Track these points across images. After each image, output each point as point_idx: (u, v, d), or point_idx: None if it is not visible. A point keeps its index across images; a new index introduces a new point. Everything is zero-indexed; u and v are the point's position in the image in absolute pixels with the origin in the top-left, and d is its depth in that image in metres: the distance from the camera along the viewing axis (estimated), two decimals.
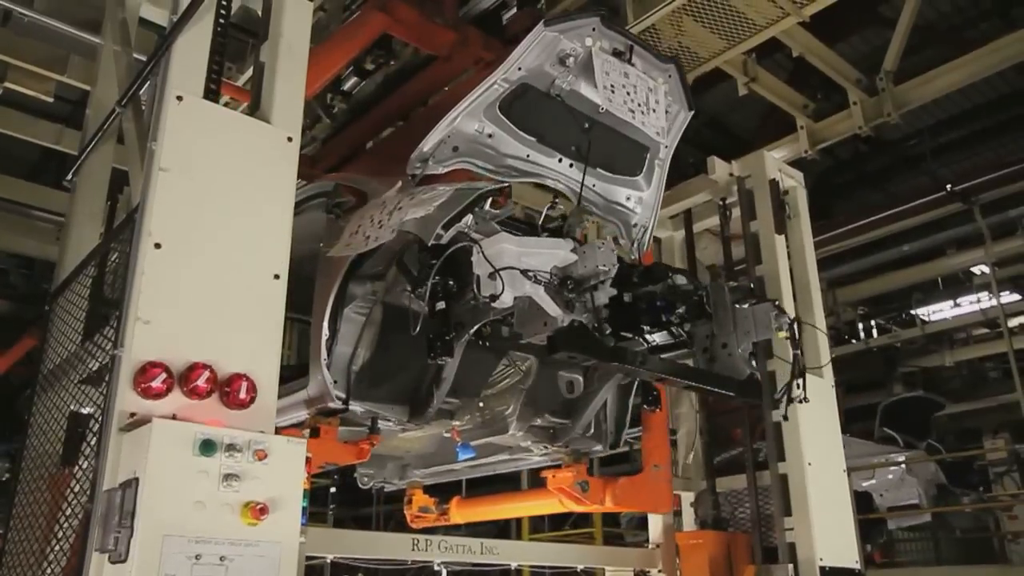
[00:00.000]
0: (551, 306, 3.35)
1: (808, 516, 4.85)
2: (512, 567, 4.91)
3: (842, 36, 8.53)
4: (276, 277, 2.93)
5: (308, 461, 2.76)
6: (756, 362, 4.31)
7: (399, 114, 5.23)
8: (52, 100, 7.08)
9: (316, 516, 12.58)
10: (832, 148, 9.03)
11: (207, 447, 2.46)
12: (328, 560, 7.05)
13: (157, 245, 2.70)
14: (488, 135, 3.80)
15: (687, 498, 5.81)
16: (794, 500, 4.95)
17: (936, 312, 14.00)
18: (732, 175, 5.89)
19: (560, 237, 3.73)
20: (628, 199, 4.37)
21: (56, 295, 4.01)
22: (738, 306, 4.14)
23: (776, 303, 4.26)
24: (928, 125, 11.10)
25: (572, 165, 4.05)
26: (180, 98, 2.92)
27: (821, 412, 5.15)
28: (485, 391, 4.59)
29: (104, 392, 2.70)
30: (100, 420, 2.68)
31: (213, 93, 3.05)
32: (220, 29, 3.16)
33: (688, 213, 6.34)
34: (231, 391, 2.65)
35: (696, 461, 5.94)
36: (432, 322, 3.43)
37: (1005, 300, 11.74)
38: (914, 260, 12.27)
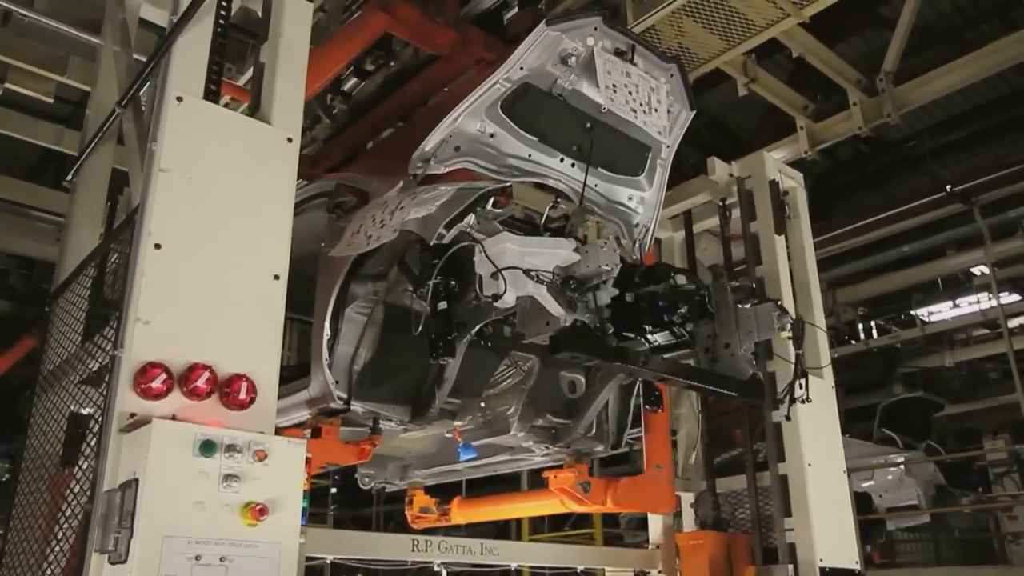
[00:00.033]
0: (553, 306, 3.34)
1: (808, 517, 4.85)
2: (512, 568, 4.90)
3: (842, 37, 8.52)
4: (276, 278, 2.93)
5: (308, 462, 2.76)
6: (758, 362, 4.30)
7: (400, 115, 5.23)
8: (52, 101, 7.08)
9: (316, 517, 12.57)
10: (832, 149, 9.03)
11: (207, 448, 2.46)
12: (328, 561, 7.05)
13: (157, 246, 2.71)
14: (490, 135, 3.79)
15: (687, 499, 5.81)
16: (794, 501, 4.95)
17: (936, 313, 14.00)
18: (732, 176, 5.89)
19: (562, 237, 3.73)
20: (630, 199, 4.36)
21: (56, 296, 4.01)
22: (740, 306, 4.14)
23: (779, 303, 4.26)
24: (928, 126, 11.09)
25: (574, 165, 4.04)
26: (180, 99, 2.92)
27: (821, 413, 5.15)
28: (487, 391, 4.58)
29: (104, 393, 2.70)
30: (100, 421, 2.68)
31: (213, 94, 3.05)
32: (220, 30, 3.17)
33: (688, 214, 6.34)
34: (231, 392, 2.65)
35: (696, 462, 5.94)
36: (434, 322, 3.42)
37: (1005, 301, 11.74)
38: (914, 261, 12.27)
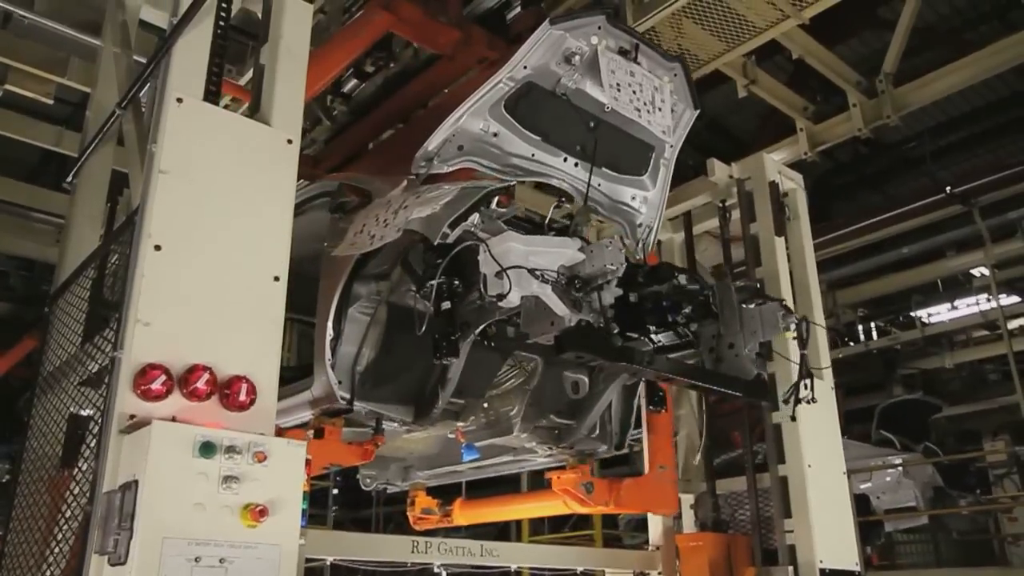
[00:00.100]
0: (558, 305, 3.34)
1: (808, 518, 4.85)
2: (512, 569, 4.89)
3: (841, 38, 8.52)
4: (276, 279, 2.93)
5: (308, 463, 2.76)
6: (763, 362, 4.29)
7: (400, 116, 5.23)
8: (52, 102, 7.08)
9: (316, 518, 12.56)
10: (832, 150, 9.02)
11: (207, 449, 2.46)
12: (328, 562, 7.04)
13: (157, 247, 2.71)
14: (493, 134, 3.79)
15: (687, 500, 5.80)
16: (794, 502, 4.95)
17: (935, 314, 13.99)
18: (732, 177, 5.89)
19: (566, 236, 3.72)
20: (633, 199, 4.36)
21: (56, 297, 4.00)
22: (745, 306, 4.14)
23: (783, 303, 4.25)
24: (928, 127, 11.09)
25: (577, 164, 4.04)
26: (180, 100, 2.92)
27: (821, 414, 5.15)
28: (490, 392, 4.57)
29: (104, 394, 2.70)
30: (100, 422, 2.68)
31: (213, 95, 3.06)
32: (220, 31, 3.17)
33: (688, 215, 6.34)
34: (231, 393, 2.65)
35: (696, 463, 5.93)
36: (437, 322, 3.42)
37: (1004, 302, 11.72)
38: (914, 262, 12.26)
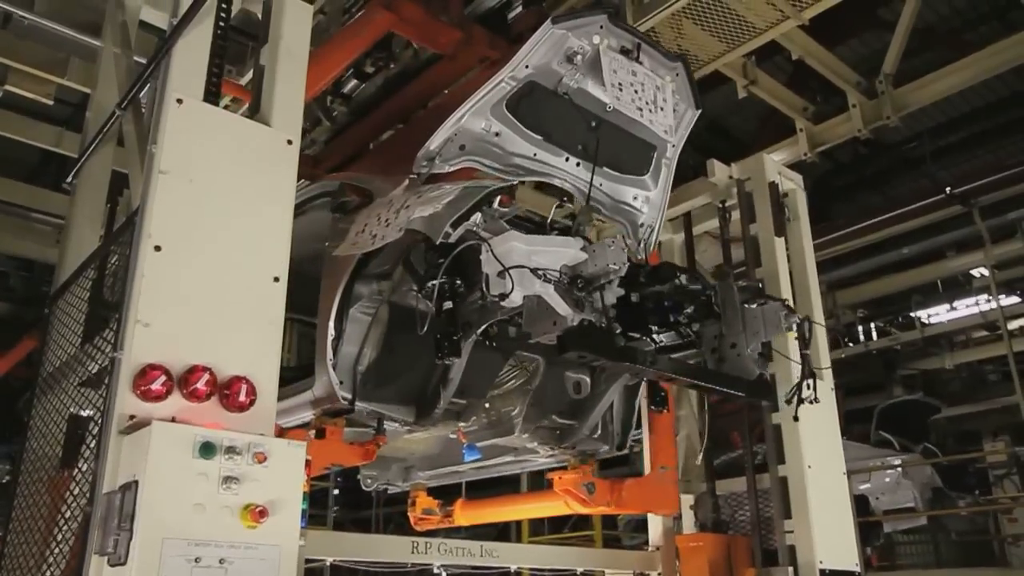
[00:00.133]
0: (561, 305, 3.33)
1: (808, 519, 4.84)
2: (512, 570, 4.89)
3: (841, 39, 8.53)
4: (276, 279, 2.94)
5: (307, 464, 2.76)
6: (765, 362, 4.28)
7: (401, 116, 5.23)
8: (52, 103, 7.08)
9: (316, 519, 12.56)
10: (831, 151, 9.02)
11: (207, 450, 2.46)
12: (328, 563, 7.03)
13: (157, 248, 2.71)
14: (495, 133, 3.79)
15: (687, 500, 5.80)
16: (794, 503, 4.94)
17: (935, 315, 13.99)
18: (732, 178, 5.89)
19: (569, 236, 3.71)
20: (635, 199, 4.35)
21: (56, 297, 4.00)
22: (747, 306, 4.13)
23: (785, 302, 4.24)
24: (928, 128, 11.10)
25: (579, 164, 4.03)
26: (180, 101, 2.92)
27: (821, 415, 5.14)
28: (491, 392, 4.56)
29: (104, 395, 2.70)
30: (100, 423, 2.68)
31: (213, 96, 3.06)
32: (220, 32, 3.17)
33: (688, 216, 6.33)
34: (231, 393, 2.65)
35: (697, 464, 5.92)
36: (439, 322, 3.41)
37: (1004, 303, 11.72)
38: (914, 263, 12.26)
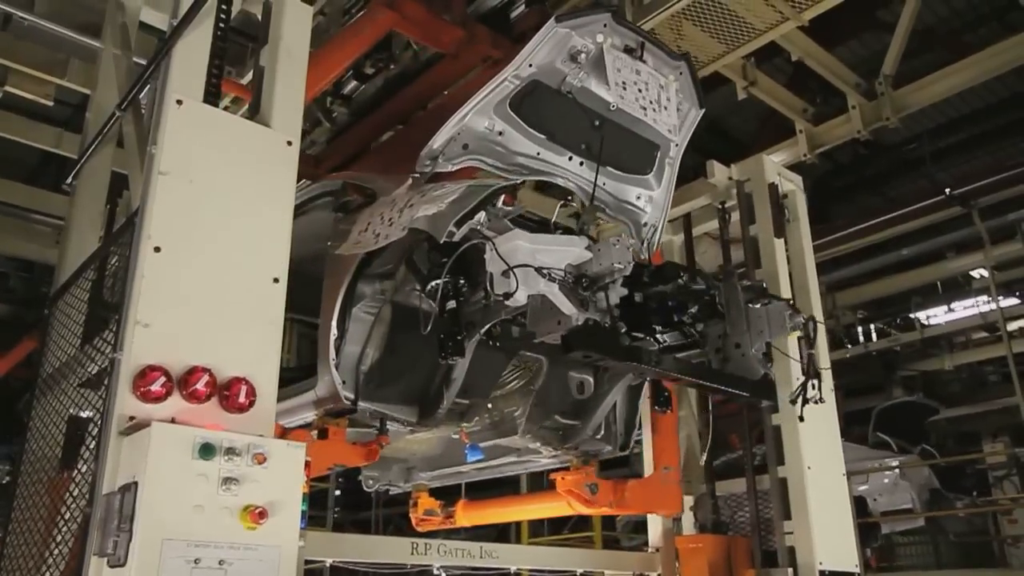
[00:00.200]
0: (565, 304, 3.31)
1: (808, 520, 4.84)
2: (512, 571, 4.88)
3: (841, 40, 8.54)
4: (276, 280, 2.94)
5: (307, 465, 2.76)
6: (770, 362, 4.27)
7: (402, 116, 5.23)
8: (52, 104, 7.09)
9: (315, 520, 12.55)
10: (831, 152, 9.04)
11: (206, 451, 2.46)
12: (327, 564, 7.01)
13: (157, 249, 2.71)
14: (498, 132, 3.77)
15: (687, 501, 5.79)
16: (794, 504, 4.94)
17: (935, 316, 13.99)
18: (731, 179, 5.89)
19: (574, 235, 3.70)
20: (638, 198, 4.33)
21: (55, 298, 4.00)
22: (751, 305, 4.12)
23: (790, 302, 4.23)
24: (927, 129, 11.11)
25: (583, 163, 4.02)
26: (180, 102, 2.93)
27: (821, 415, 5.14)
28: (494, 392, 4.55)
29: (103, 396, 2.70)
30: (99, 424, 2.68)
31: (213, 97, 3.06)
32: (220, 33, 3.17)
33: (687, 217, 6.33)
34: (230, 395, 2.65)
35: (696, 465, 5.92)
36: (442, 321, 3.40)
37: (1004, 304, 11.72)
38: (913, 264, 12.26)
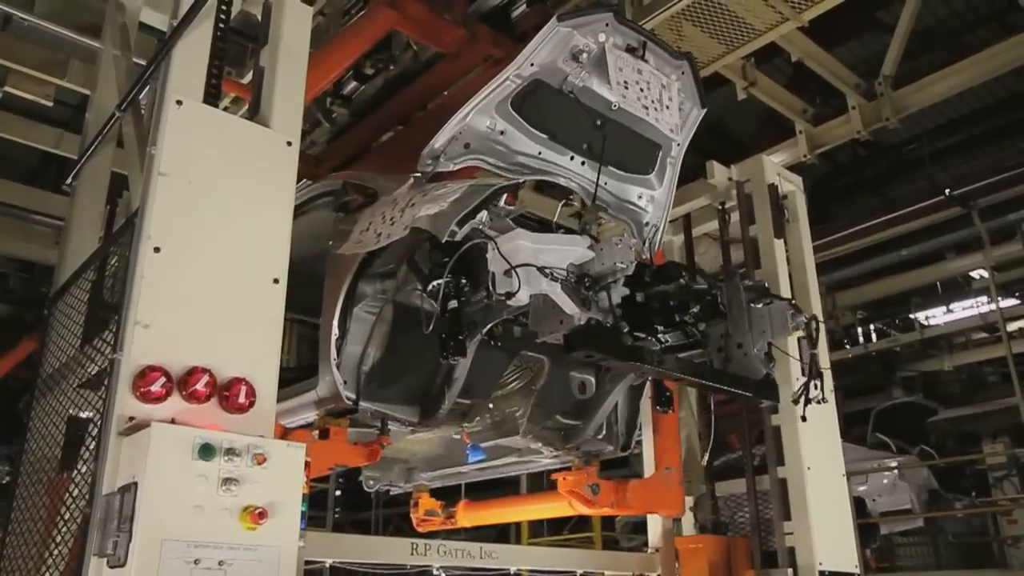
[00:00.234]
0: (568, 304, 3.31)
1: (807, 520, 4.84)
2: (511, 572, 4.88)
3: (841, 41, 8.54)
4: (275, 281, 2.94)
5: (307, 465, 2.76)
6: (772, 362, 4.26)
7: (403, 116, 5.23)
8: (52, 104, 7.09)
9: (315, 520, 12.56)
10: (831, 152, 9.04)
11: (206, 451, 2.46)
12: (327, 565, 7.00)
13: (156, 249, 2.71)
14: (500, 132, 3.77)
15: (686, 502, 5.79)
16: (793, 504, 4.94)
17: (934, 317, 13.99)
18: (731, 180, 5.89)
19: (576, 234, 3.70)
20: (640, 198, 4.33)
21: (55, 299, 4.00)
22: (753, 305, 4.12)
23: (792, 302, 4.23)
24: (927, 130, 11.11)
25: (584, 163, 4.01)
26: (180, 102, 2.93)
27: (821, 416, 5.14)
28: (496, 392, 4.53)
29: (103, 396, 2.70)
30: (99, 424, 2.68)
31: (213, 97, 3.06)
32: (220, 33, 3.17)
33: (687, 217, 6.34)
34: (230, 395, 2.65)
35: (696, 465, 5.92)
36: (444, 321, 3.38)
37: (1004, 304, 11.73)
38: (913, 264, 12.26)
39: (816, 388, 4.37)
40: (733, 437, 6.22)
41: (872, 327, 14.31)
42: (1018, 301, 12.70)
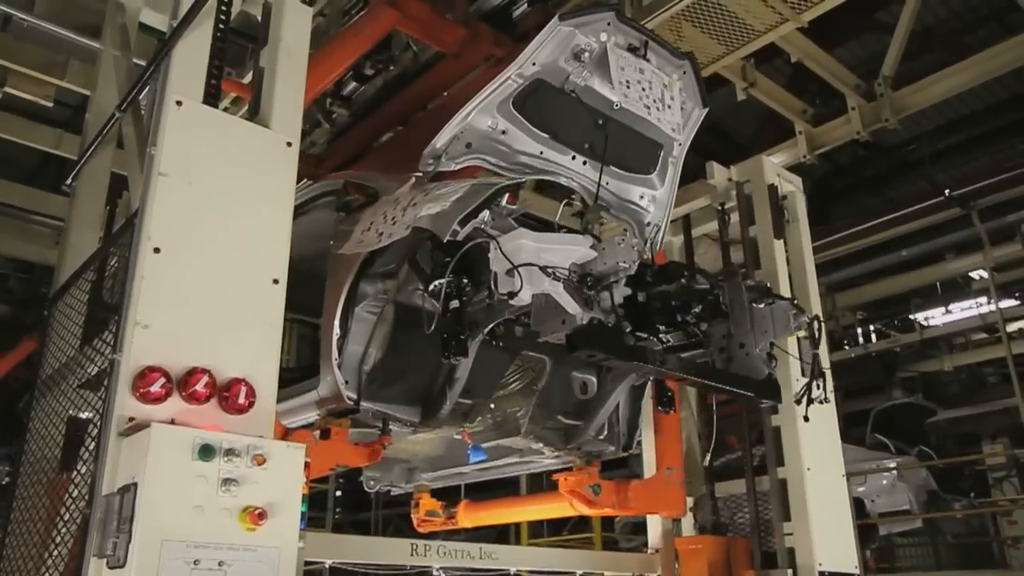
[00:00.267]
0: (570, 304, 3.30)
1: (807, 521, 4.85)
2: (511, 572, 4.88)
3: (840, 41, 8.54)
4: (275, 281, 2.94)
5: (307, 466, 2.76)
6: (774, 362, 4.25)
7: (403, 117, 5.23)
8: (51, 105, 7.09)
9: (315, 521, 12.55)
10: (831, 153, 9.03)
11: (206, 452, 2.46)
12: (327, 565, 6.99)
13: (156, 250, 2.71)
14: (501, 131, 3.77)
15: (686, 503, 5.79)
16: (793, 505, 4.95)
17: (934, 317, 13.99)
18: (731, 180, 5.90)
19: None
20: (641, 197, 4.32)
21: (55, 299, 4.00)
22: (755, 305, 4.11)
23: (795, 302, 4.22)
24: (927, 130, 11.10)
25: (586, 163, 4.01)
26: (180, 103, 2.93)
27: (821, 417, 5.14)
28: (497, 392, 4.53)
29: (103, 397, 2.70)
30: (99, 425, 2.67)
31: (213, 98, 3.06)
32: (220, 34, 3.17)
33: (687, 218, 6.34)
34: (230, 396, 2.65)
35: (696, 466, 5.92)
36: (445, 321, 3.37)
37: (1003, 305, 11.72)
38: (913, 265, 12.26)
39: (819, 388, 4.36)
40: (732, 438, 6.21)
41: (872, 328, 14.31)
42: (1018, 302, 12.69)
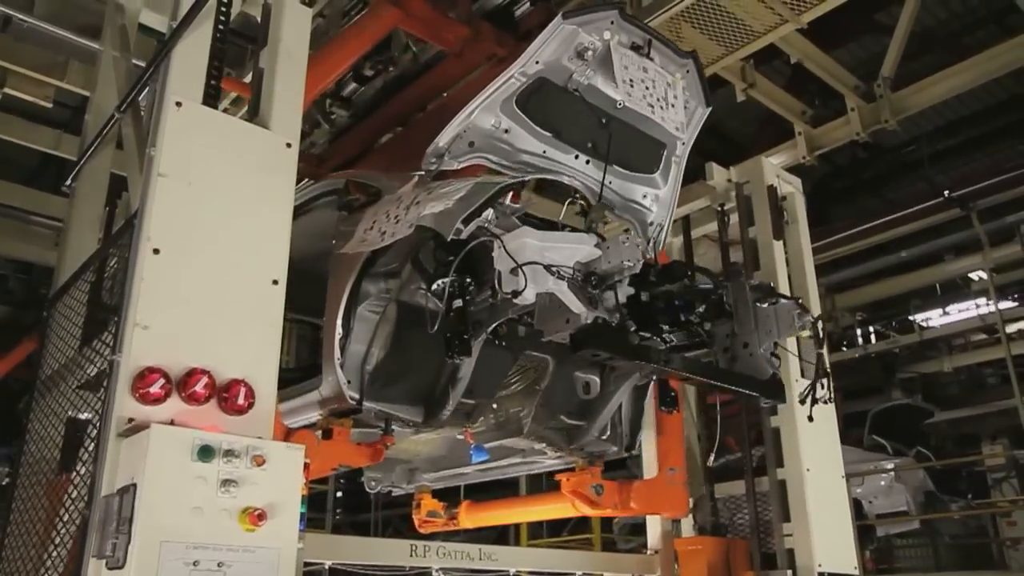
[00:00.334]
0: (574, 303, 3.28)
1: (807, 522, 4.85)
2: (511, 573, 4.88)
3: (840, 42, 8.53)
4: (275, 282, 2.94)
5: (306, 467, 2.75)
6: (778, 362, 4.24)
7: (403, 117, 5.22)
8: (51, 105, 7.10)
9: (315, 522, 12.55)
10: (830, 154, 9.02)
11: (205, 453, 2.46)
12: (326, 566, 6.99)
13: (156, 250, 2.71)
14: (504, 130, 3.75)
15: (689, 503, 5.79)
16: (793, 506, 4.95)
17: (933, 318, 13.99)
18: (730, 181, 5.90)
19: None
20: (645, 197, 4.29)
21: (54, 300, 4.00)
22: (759, 305, 4.11)
23: (799, 301, 4.22)
24: (926, 131, 11.10)
25: (589, 162, 3.99)
26: (179, 104, 2.93)
27: (820, 417, 5.14)
28: (500, 392, 4.51)
29: (102, 397, 2.70)
30: (98, 426, 2.67)
31: (212, 99, 3.06)
32: (219, 35, 3.18)
33: (686, 219, 6.34)
34: (229, 397, 2.65)
35: (696, 467, 5.91)
36: (449, 320, 3.36)
37: (1003, 306, 11.72)
38: (912, 266, 12.26)
39: (823, 388, 4.35)
40: (730, 438, 6.21)
41: (871, 329, 14.31)
42: (1017, 303, 12.71)
